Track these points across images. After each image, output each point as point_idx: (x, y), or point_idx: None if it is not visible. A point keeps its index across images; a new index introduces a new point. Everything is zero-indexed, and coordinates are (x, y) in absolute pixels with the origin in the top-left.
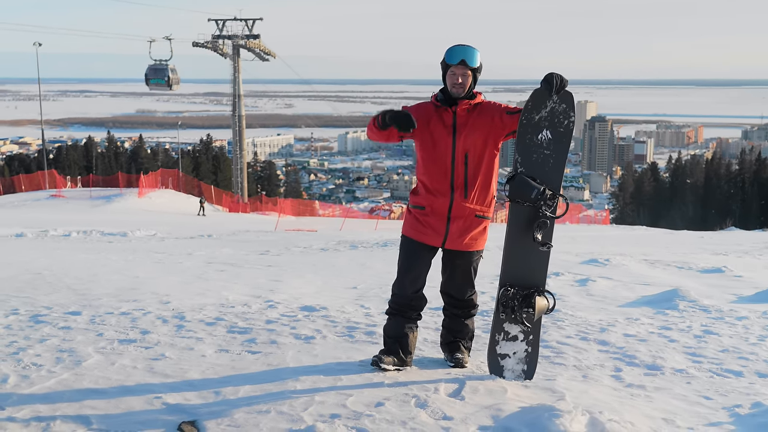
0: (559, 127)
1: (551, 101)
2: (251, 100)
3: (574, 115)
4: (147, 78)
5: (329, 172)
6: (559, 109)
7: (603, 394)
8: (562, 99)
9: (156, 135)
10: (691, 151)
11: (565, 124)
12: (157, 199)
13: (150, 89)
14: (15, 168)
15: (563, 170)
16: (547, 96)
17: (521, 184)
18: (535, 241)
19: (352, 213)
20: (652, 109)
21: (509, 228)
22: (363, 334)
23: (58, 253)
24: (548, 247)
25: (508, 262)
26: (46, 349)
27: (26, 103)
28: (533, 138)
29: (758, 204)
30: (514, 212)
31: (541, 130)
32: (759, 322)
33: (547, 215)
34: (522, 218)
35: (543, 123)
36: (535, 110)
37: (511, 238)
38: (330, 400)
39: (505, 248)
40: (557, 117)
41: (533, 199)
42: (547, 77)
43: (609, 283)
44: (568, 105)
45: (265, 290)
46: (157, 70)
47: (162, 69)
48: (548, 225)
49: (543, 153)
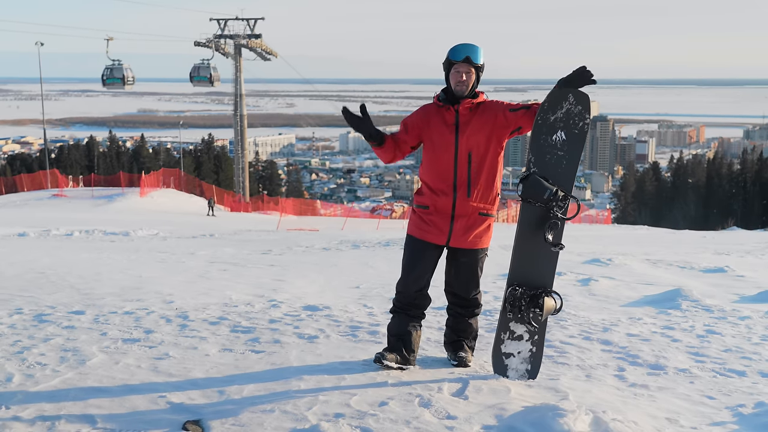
0: (573, 129)
1: (567, 102)
2: (253, 100)
3: (589, 117)
4: (103, 78)
5: (331, 172)
6: (574, 110)
7: (606, 393)
8: (578, 101)
9: (158, 134)
10: (692, 150)
11: (580, 126)
12: (159, 199)
13: (106, 89)
14: (17, 167)
15: (576, 172)
16: (564, 96)
17: (534, 184)
18: (546, 241)
19: (353, 212)
20: (654, 109)
21: (520, 227)
22: (366, 333)
23: (60, 253)
24: (560, 248)
25: (517, 262)
26: (51, 348)
27: (28, 102)
28: (548, 138)
29: (760, 203)
30: (525, 212)
31: (556, 131)
32: (762, 322)
33: (559, 216)
34: (533, 218)
35: (558, 124)
36: (551, 110)
37: (521, 238)
38: (334, 400)
39: (514, 247)
40: (573, 119)
41: (546, 199)
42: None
43: (611, 282)
44: (584, 107)
45: (268, 290)
46: (114, 69)
47: (119, 68)
48: (559, 226)
49: (557, 154)
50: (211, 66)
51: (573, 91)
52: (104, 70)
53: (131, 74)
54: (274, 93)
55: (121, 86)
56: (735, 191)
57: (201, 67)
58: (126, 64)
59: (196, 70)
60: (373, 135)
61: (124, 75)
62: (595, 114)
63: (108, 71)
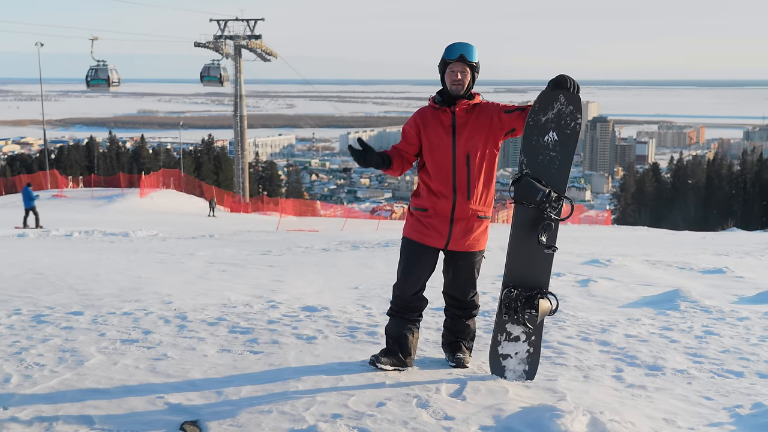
0: (565, 129)
1: (558, 103)
2: (253, 101)
3: (581, 117)
4: (88, 79)
5: (330, 173)
6: (566, 111)
7: (604, 394)
8: (570, 101)
9: (158, 135)
10: (692, 151)
11: (572, 126)
12: (159, 199)
13: (90, 90)
14: (17, 168)
15: (569, 172)
16: (554, 97)
17: (527, 185)
18: (540, 243)
19: (353, 213)
20: (654, 110)
21: (513, 229)
22: (365, 334)
23: (60, 253)
24: (553, 250)
25: (511, 263)
26: (49, 349)
27: (28, 103)
28: (539, 139)
29: (760, 205)
30: (518, 214)
31: (547, 131)
32: (760, 323)
33: (552, 217)
34: (527, 220)
35: (550, 125)
36: (542, 111)
37: (515, 240)
38: (332, 400)
39: (509, 249)
40: (564, 119)
41: (539, 201)
42: (559, 80)
43: (610, 283)
44: (576, 107)
45: (267, 290)
46: (99, 70)
47: (103, 69)
48: (553, 227)
49: (549, 155)
50: (221, 66)
51: (563, 92)
52: (88, 71)
53: (117, 75)
54: (274, 94)
55: (106, 88)
56: (735, 192)
57: (211, 68)
58: (111, 65)
59: (206, 70)
60: (381, 163)
61: (109, 76)
62: (595, 115)
63: (92, 72)
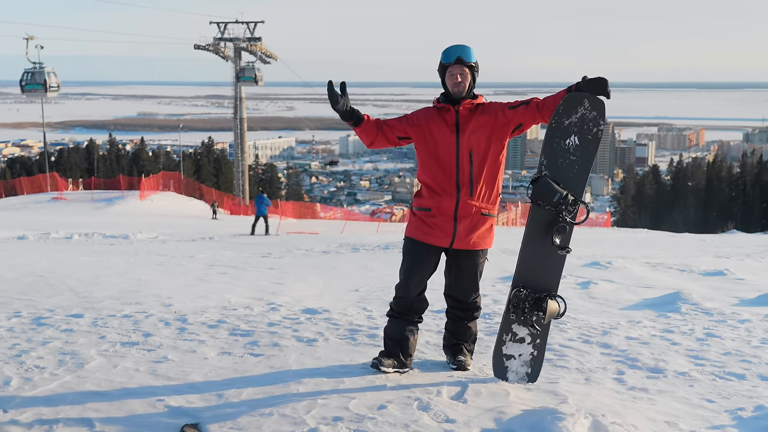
0: (587, 134)
1: (582, 107)
2: (252, 103)
3: (604, 123)
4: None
5: (330, 175)
6: (589, 116)
7: (605, 397)
8: (594, 106)
9: (157, 137)
10: (692, 153)
11: (594, 131)
12: (159, 202)
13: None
14: (17, 171)
15: (587, 177)
16: (579, 101)
17: (545, 186)
18: (554, 245)
19: (353, 215)
20: (654, 112)
21: (528, 229)
22: (365, 336)
23: (60, 256)
24: (567, 251)
25: (523, 264)
26: (49, 351)
27: (28, 105)
28: (561, 142)
29: (760, 207)
30: (534, 214)
31: (569, 135)
32: (761, 325)
33: (567, 220)
34: (542, 221)
35: (572, 128)
36: (565, 114)
37: (529, 240)
38: (332, 403)
39: (521, 249)
40: (587, 124)
41: (555, 202)
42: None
43: (611, 285)
44: (599, 113)
45: (267, 293)
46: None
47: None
48: (567, 230)
49: (569, 158)
50: (256, 67)
51: (588, 97)
52: (23, 74)
53: (55, 79)
54: (274, 96)
55: (43, 93)
56: (735, 194)
57: (246, 69)
58: (48, 68)
59: (242, 71)
60: (349, 116)
61: (46, 80)
62: None
63: (28, 76)
